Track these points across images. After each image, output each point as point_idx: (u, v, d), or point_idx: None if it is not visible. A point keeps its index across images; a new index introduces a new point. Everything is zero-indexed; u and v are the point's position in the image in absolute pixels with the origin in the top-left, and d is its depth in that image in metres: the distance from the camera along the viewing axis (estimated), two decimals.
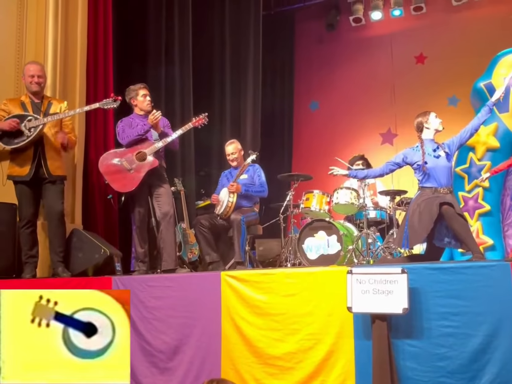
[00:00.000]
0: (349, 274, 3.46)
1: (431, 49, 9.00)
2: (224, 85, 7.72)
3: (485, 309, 3.28)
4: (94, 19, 5.71)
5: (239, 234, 5.16)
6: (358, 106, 9.28)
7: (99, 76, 5.75)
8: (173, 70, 6.90)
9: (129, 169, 4.77)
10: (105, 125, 5.79)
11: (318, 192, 5.81)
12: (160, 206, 4.86)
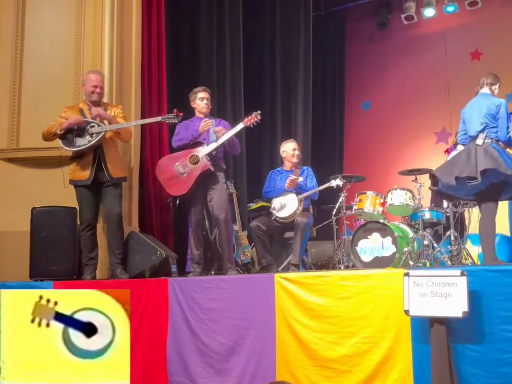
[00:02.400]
0: (405, 276, 3.39)
1: (487, 45, 8.74)
2: (275, 85, 7.73)
3: None
4: (147, 24, 5.84)
5: (302, 237, 5.19)
6: (411, 105, 9.12)
7: (153, 81, 5.87)
8: (225, 71, 6.97)
9: (182, 173, 4.86)
10: (159, 129, 5.91)
11: (371, 193, 5.73)
12: (212, 210, 4.93)
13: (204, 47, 6.89)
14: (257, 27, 7.69)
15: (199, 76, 6.72)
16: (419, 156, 8.76)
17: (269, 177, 5.71)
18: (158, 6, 6.00)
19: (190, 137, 4.89)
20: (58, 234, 4.72)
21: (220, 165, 5.04)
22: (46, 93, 5.19)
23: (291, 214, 5.28)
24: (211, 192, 4.92)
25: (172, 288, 4.26)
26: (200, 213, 4.96)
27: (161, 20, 6.03)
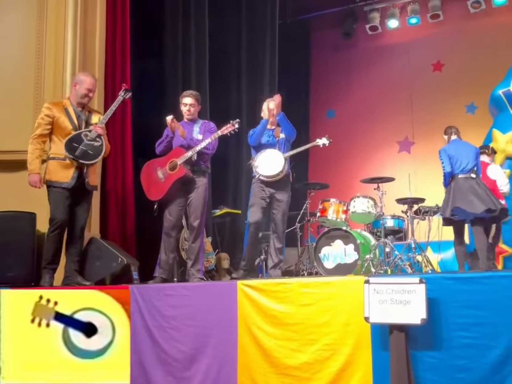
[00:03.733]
0: (366, 283, 3.43)
1: (448, 57, 8.97)
2: (241, 93, 7.73)
3: (505, 320, 3.23)
4: (112, 24, 5.77)
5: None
6: (375, 114, 9.26)
7: (117, 81, 5.79)
8: (190, 78, 6.94)
9: (160, 178, 4.86)
10: (122, 134, 5.83)
11: (334, 200, 5.78)
12: (189, 216, 4.93)
13: (169, 53, 6.85)
14: (222, 35, 7.68)
15: (164, 85, 6.67)
16: (382, 165, 8.91)
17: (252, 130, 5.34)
18: (123, 7, 5.93)
19: (165, 138, 4.94)
20: (15, 239, 4.58)
21: (202, 170, 4.99)
22: (5, 93, 5.06)
23: (277, 173, 5.01)
24: (190, 197, 4.91)
25: (134, 295, 4.17)
26: (176, 218, 4.90)
27: (126, 22, 5.96)
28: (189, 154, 4.81)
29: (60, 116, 4.56)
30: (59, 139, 4.54)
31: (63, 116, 4.57)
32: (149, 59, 6.68)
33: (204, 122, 5.15)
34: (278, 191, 5.08)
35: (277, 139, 5.19)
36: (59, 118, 4.55)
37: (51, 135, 4.57)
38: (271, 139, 5.19)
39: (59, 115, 4.56)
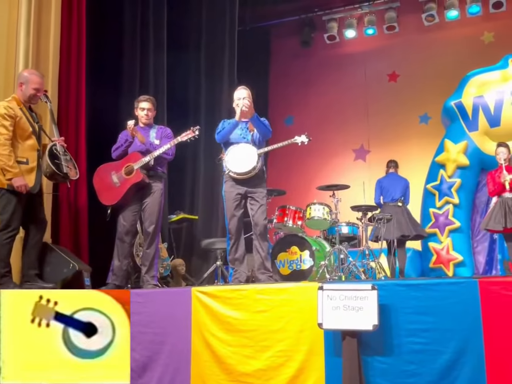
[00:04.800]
0: (320, 290, 3.46)
1: (403, 68, 9.18)
2: (199, 98, 7.70)
3: (454, 326, 3.31)
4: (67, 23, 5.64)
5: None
6: (332, 122, 9.37)
7: (72, 82, 5.67)
8: (148, 83, 6.87)
9: (115, 183, 4.77)
10: (76, 136, 5.70)
11: (291, 207, 5.82)
12: (144, 221, 4.85)
13: (127, 53, 6.76)
14: (181, 39, 7.63)
15: (121, 86, 6.58)
16: (338, 172, 9.03)
17: (222, 122, 4.98)
18: (79, 5, 5.81)
19: (124, 143, 4.83)
20: None
21: (158, 175, 4.92)
22: None
23: (249, 170, 4.62)
24: (145, 202, 4.83)
25: None
26: (130, 224, 4.81)
27: (82, 20, 5.84)
28: (146, 159, 4.75)
29: (21, 117, 4.35)
30: (19, 142, 4.32)
31: (24, 118, 4.39)
32: (106, 58, 6.57)
33: (160, 128, 5.10)
34: (252, 188, 4.70)
35: (251, 133, 4.79)
36: (20, 119, 4.34)
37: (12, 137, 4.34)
38: (244, 132, 4.79)
39: (20, 115, 4.36)
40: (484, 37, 8.81)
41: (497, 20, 8.67)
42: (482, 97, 7.32)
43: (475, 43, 8.76)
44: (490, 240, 7.25)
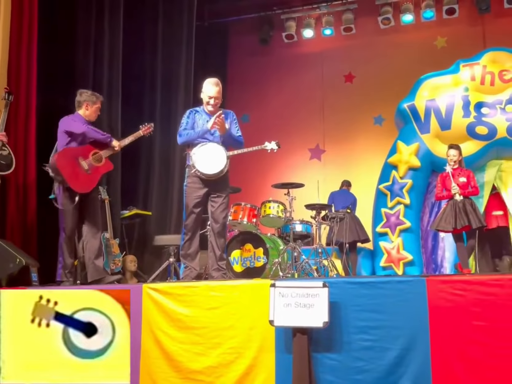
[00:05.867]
0: (272, 287, 3.46)
1: (359, 69, 9.30)
2: (155, 92, 7.58)
3: (402, 323, 3.37)
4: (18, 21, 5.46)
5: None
6: (288, 120, 9.41)
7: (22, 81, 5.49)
8: (102, 75, 6.72)
9: (86, 170, 4.66)
10: (26, 128, 5.52)
11: (246, 204, 5.81)
12: (88, 216, 4.75)
13: (80, 48, 6.59)
14: (138, 32, 7.49)
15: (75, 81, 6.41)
16: (293, 171, 9.08)
17: (187, 117, 4.72)
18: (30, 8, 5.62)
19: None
20: None
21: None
22: None
23: (219, 171, 4.53)
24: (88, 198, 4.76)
25: None
26: (76, 219, 4.70)
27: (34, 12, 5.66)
28: (116, 148, 4.76)
29: None
30: None
31: None
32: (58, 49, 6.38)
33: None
34: (216, 187, 4.63)
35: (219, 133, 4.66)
36: None
37: None
38: (212, 130, 4.65)
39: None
40: (437, 42, 9.03)
41: (450, 26, 8.91)
42: (434, 100, 7.51)
43: (429, 47, 8.97)
44: (438, 240, 7.45)
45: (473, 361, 3.19)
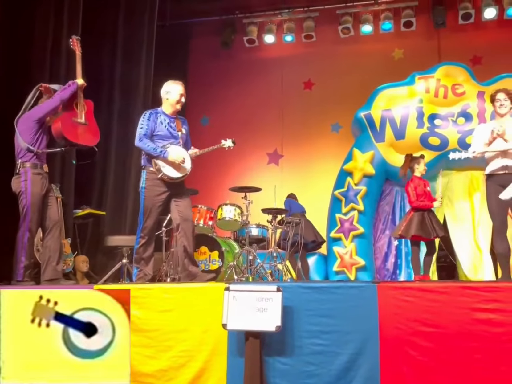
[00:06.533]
0: (226, 290, 3.47)
1: (319, 77, 9.43)
2: (113, 90, 7.46)
3: (353, 328, 3.44)
4: None
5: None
6: (248, 124, 9.44)
7: None
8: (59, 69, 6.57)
9: (84, 123, 4.84)
10: None
11: (202, 207, 5.81)
12: (50, 214, 4.67)
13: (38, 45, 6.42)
14: (97, 29, 7.35)
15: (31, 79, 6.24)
16: (250, 174, 9.12)
17: (147, 119, 4.62)
18: None
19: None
20: None
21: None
22: None
23: (185, 174, 4.62)
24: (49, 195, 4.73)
25: None
26: (39, 216, 4.61)
27: None
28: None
29: None
30: None
31: None
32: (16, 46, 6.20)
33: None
34: (178, 188, 4.66)
35: (179, 133, 4.68)
36: None
37: None
38: (173, 131, 4.64)
39: None
40: (394, 53, 9.26)
41: (407, 38, 9.14)
42: (390, 110, 7.68)
43: (386, 58, 9.19)
44: (390, 247, 7.63)
45: (420, 366, 3.28)
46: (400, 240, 7.69)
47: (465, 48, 8.73)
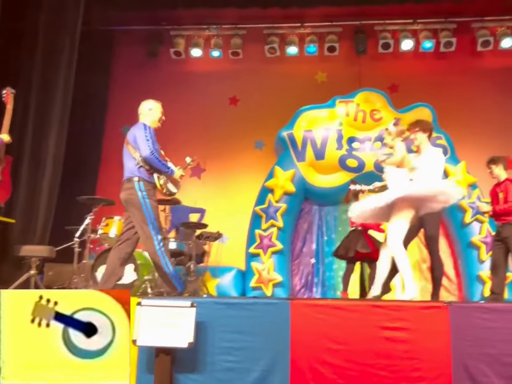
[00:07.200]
0: (138, 306, 3.38)
1: (244, 93, 9.50)
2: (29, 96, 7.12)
3: (265, 345, 3.46)
4: None
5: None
6: (171, 136, 9.25)
7: None
8: None
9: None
10: None
11: (118, 218, 5.66)
12: None
13: None
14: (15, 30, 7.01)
15: None
16: None
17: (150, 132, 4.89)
18: None
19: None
20: None
21: None
22: None
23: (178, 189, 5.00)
24: None
25: None
26: None
27: None
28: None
29: None
30: None
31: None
32: None
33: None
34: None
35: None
36: None
37: None
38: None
39: None
40: (318, 76, 9.51)
41: (330, 62, 9.43)
42: (311, 131, 7.89)
43: (310, 80, 9.42)
44: (308, 265, 7.79)
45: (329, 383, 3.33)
46: (317, 258, 7.87)
47: (384, 76, 9.12)
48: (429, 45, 9.05)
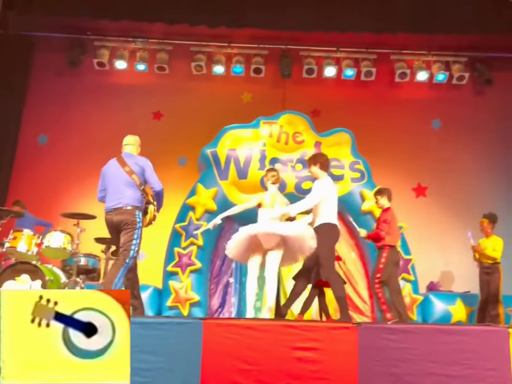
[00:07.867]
0: None
1: (168, 109, 9.42)
2: None
3: (176, 366, 3.38)
4: None
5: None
6: (92, 149, 9.02)
7: None
8: None
9: None
10: None
11: (28, 231, 5.38)
12: None
13: None
14: None
15: None
16: (89, 201, 8.68)
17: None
18: None
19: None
20: None
21: None
22: None
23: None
24: None
25: None
26: None
27: None
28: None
29: None
30: None
31: None
32: None
33: None
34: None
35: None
36: None
37: None
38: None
39: None
40: (243, 96, 9.61)
41: (256, 84, 9.57)
42: (235, 150, 7.91)
43: (236, 100, 9.51)
44: (226, 284, 7.73)
45: None
46: (236, 278, 7.85)
47: (307, 100, 9.36)
48: (350, 73, 9.41)
